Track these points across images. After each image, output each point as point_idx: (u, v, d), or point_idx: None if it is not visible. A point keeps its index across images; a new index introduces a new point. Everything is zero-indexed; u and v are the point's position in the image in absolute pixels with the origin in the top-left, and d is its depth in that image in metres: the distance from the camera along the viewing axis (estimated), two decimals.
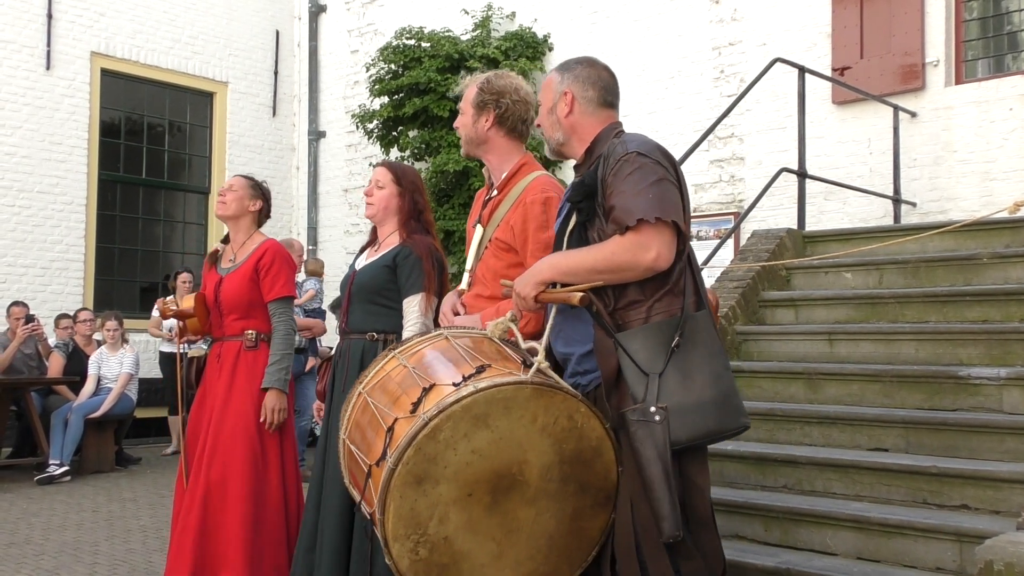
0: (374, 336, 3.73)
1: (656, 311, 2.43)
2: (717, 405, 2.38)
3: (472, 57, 9.23)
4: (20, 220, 9.76)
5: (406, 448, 2.16)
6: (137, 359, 8.65)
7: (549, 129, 2.74)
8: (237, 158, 11.55)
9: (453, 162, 8.93)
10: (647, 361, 2.37)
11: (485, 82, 3.21)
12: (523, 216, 3.02)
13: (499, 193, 3.16)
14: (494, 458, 2.24)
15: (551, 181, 3.15)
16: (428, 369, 2.37)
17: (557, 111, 2.70)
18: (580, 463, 2.34)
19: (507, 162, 3.19)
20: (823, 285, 5.70)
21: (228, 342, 4.24)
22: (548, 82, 2.75)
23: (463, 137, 3.27)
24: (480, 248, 3.16)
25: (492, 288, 3.07)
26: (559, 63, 2.81)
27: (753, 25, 8.43)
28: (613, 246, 2.41)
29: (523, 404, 2.25)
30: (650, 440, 2.30)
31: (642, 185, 2.40)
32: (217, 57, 11.44)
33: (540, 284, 2.49)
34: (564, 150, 2.74)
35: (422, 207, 3.90)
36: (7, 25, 9.76)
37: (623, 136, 2.59)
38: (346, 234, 11.66)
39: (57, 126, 10.09)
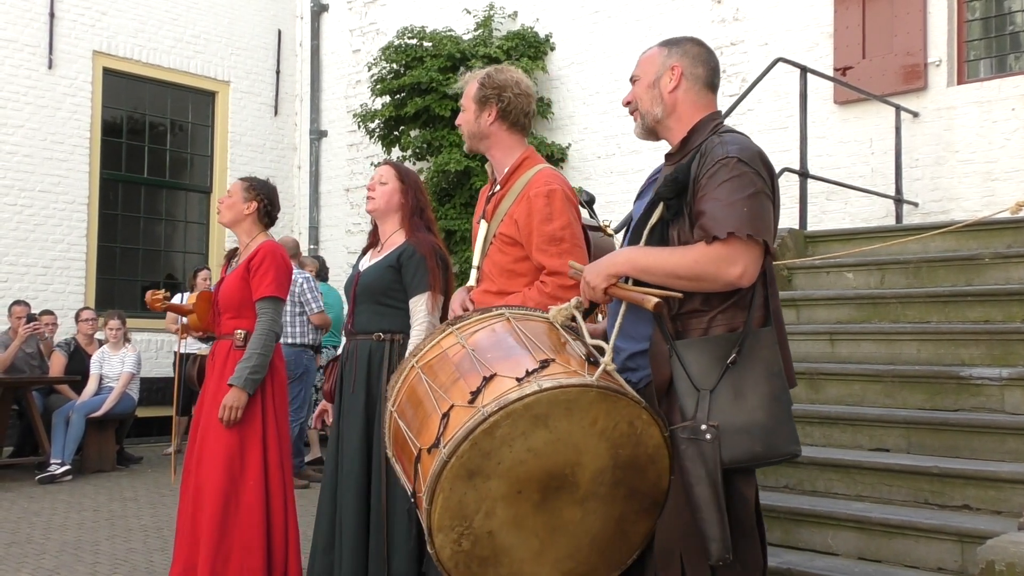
0: (380, 336, 3.74)
1: (717, 323, 2.34)
2: (767, 430, 2.27)
3: (474, 57, 9.22)
4: (22, 219, 9.77)
5: (462, 441, 2.11)
6: (139, 358, 8.66)
7: (648, 103, 2.56)
8: (239, 157, 11.55)
9: (455, 162, 8.93)
10: (700, 375, 2.28)
11: (486, 77, 3.21)
12: (527, 210, 3.03)
13: (502, 188, 3.16)
14: (548, 458, 2.19)
15: (554, 174, 3.15)
16: (488, 354, 2.29)
17: (661, 84, 2.54)
18: (634, 469, 2.28)
19: (510, 157, 3.19)
20: (824, 285, 5.70)
21: (222, 341, 4.25)
22: (651, 55, 2.60)
23: (465, 133, 3.27)
24: (486, 244, 3.17)
25: (500, 284, 3.09)
26: (667, 39, 2.64)
27: (755, 25, 8.43)
28: (698, 254, 2.30)
29: (585, 407, 2.18)
30: (699, 459, 2.23)
31: (738, 196, 2.29)
32: (219, 56, 11.44)
33: (613, 276, 2.40)
34: (659, 128, 2.58)
35: (423, 205, 3.92)
36: (9, 24, 9.76)
37: (724, 135, 2.44)
38: (347, 233, 11.66)
39: (59, 125, 10.09)
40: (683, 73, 2.53)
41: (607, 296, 2.43)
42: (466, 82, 3.30)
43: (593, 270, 2.44)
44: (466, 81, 3.31)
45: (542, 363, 2.21)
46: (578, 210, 3.12)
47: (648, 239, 2.43)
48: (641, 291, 2.33)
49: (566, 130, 9.64)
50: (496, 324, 2.41)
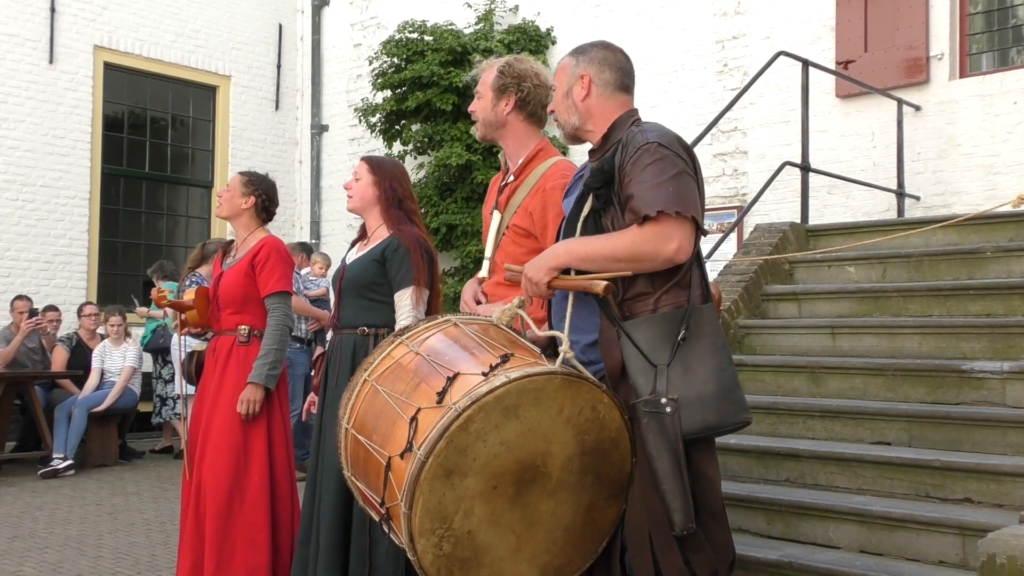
0: (365, 331, 3.72)
1: (663, 303, 2.41)
2: (718, 399, 2.36)
3: (475, 51, 9.22)
4: (24, 214, 9.77)
5: (438, 440, 2.11)
6: (140, 353, 8.66)
7: (564, 113, 2.67)
8: (240, 152, 11.55)
9: (456, 156, 8.92)
10: (653, 352, 2.35)
11: (506, 65, 3.19)
12: (542, 202, 3.02)
13: (516, 179, 3.14)
14: (521, 449, 2.22)
15: (570, 166, 3.12)
16: (445, 356, 2.32)
17: (573, 94, 2.64)
18: (599, 454, 2.33)
19: (524, 147, 3.18)
20: (826, 279, 5.70)
21: (223, 336, 4.24)
22: (563, 66, 2.69)
23: (480, 120, 3.23)
24: (498, 235, 3.15)
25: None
26: (576, 47, 2.73)
27: (757, 19, 8.41)
28: (633, 235, 2.38)
29: (552, 395, 2.23)
30: (661, 432, 2.30)
31: (662, 177, 2.38)
32: (220, 51, 11.44)
33: (554, 270, 2.46)
34: (580, 134, 2.69)
35: (401, 195, 3.85)
36: (10, 19, 9.76)
37: (642, 124, 2.54)
38: (349, 228, 11.64)
39: (60, 120, 10.09)
40: (591, 81, 2.62)
41: (551, 290, 2.49)
42: (483, 69, 3.28)
43: (534, 266, 2.49)
44: (483, 68, 3.28)
45: (502, 357, 2.25)
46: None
47: (583, 230, 2.50)
48: (587, 278, 2.40)
49: None
50: (446, 328, 2.46)
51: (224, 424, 4.07)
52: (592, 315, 2.47)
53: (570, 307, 2.47)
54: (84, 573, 4.91)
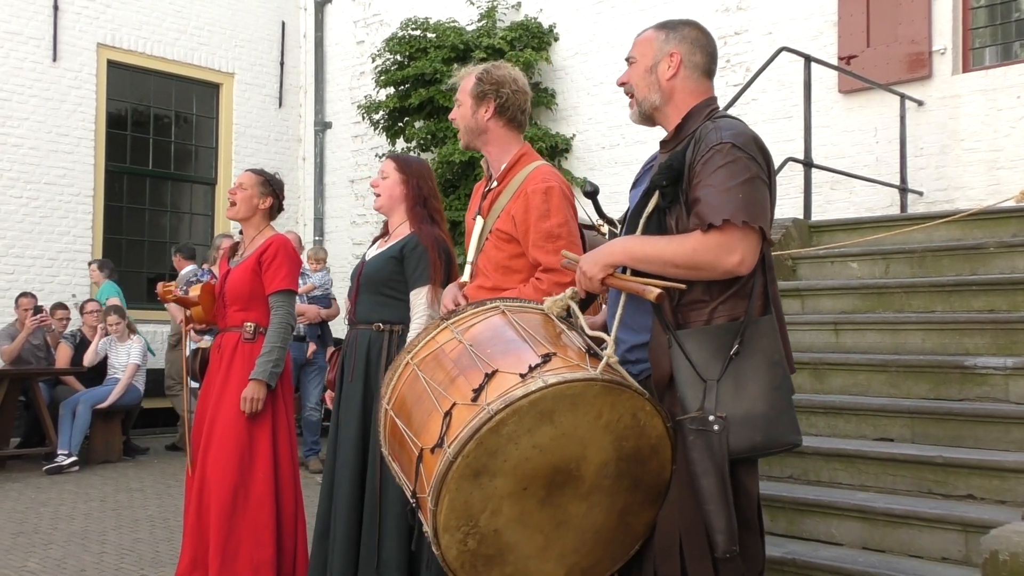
0: (380, 327, 3.76)
1: (719, 313, 2.31)
2: (768, 419, 2.25)
3: (478, 47, 9.21)
4: (28, 211, 9.80)
5: (467, 441, 2.08)
6: (144, 349, 8.68)
7: (645, 89, 2.51)
8: (243, 149, 11.56)
9: (459, 152, 8.92)
10: (703, 365, 2.25)
11: (484, 72, 3.20)
12: (524, 206, 3.02)
13: (499, 184, 3.16)
14: (554, 454, 2.17)
15: (551, 170, 3.14)
16: (487, 349, 2.25)
17: (658, 71, 2.48)
18: (637, 460, 2.26)
19: (506, 153, 3.19)
20: (829, 275, 5.70)
21: (229, 333, 4.26)
22: (647, 39, 2.52)
23: (461, 128, 3.26)
24: (481, 240, 3.16)
25: (494, 279, 3.08)
26: (663, 21, 2.57)
27: (759, 14, 8.40)
28: (695, 243, 2.27)
29: (590, 401, 2.15)
30: (707, 451, 2.21)
31: (733, 182, 2.26)
32: (223, 48, 11.44)
33: (609, 267, 2.37)
34: (657, 115, 2.53)
35: (427, 194, 3.90)
36: (13, 16, 9.77)
37: (718, 121, 2.39)
38: (352, 225, 11.67)
39: (64, 117, 10.11)
40: (682, 60, 2.47)
41: (604, 286, 2.40)
42: (461, 77, 3.29)
43: (589, 260, 2.41)
44: (461, 76, 3.30)
45: (544, 357, 2.18)
46: (575, 208, 3.11)
47: (645, 228, 2.39)
48: (642, 281, 2.30)
49: (570, 120, 9.63)
50: (492, 317, 2.38)
51: (229, 421, 4.09)
52: (644, 316, 2.38)
53: (620, 308, 2.36)
54: (88, 569, 4.93)
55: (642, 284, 2.28)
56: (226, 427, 4.09)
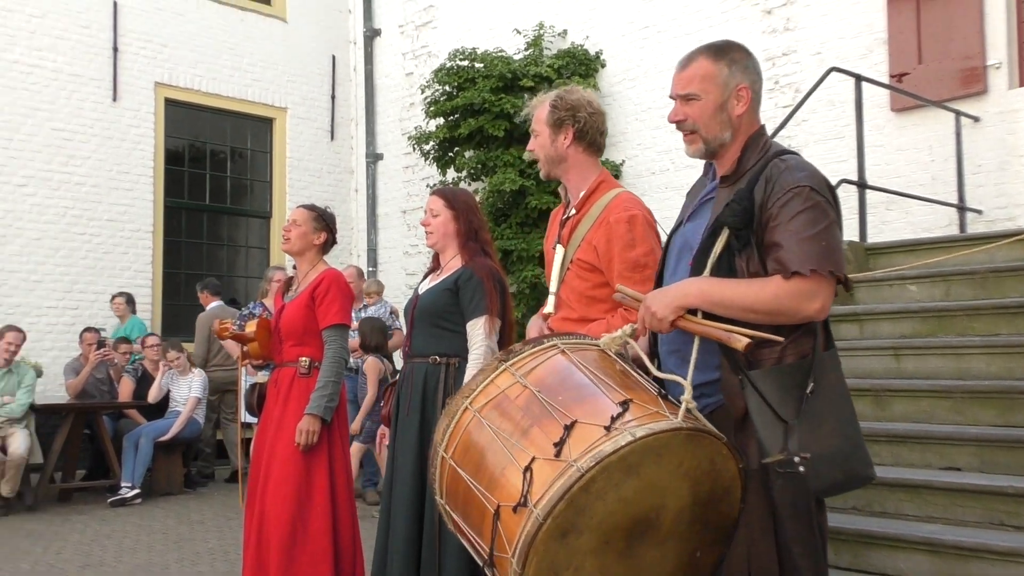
0: (437, 360, 3.77)
1: (789, 352, 2.27)
2: (845, 455, 2.22)
3: (525, 76, 9.27)
4: (91, 248, 10.04)
5: (558, 501, 2.01)
6: (205, 383, 8.81)
7: (716, 128, 2.42)
8: (297, 182, 11.75)
9: (509, 181, 8.97)
10: (780, 405, 2.21)
11: (558, 99, 3.17)
12: (607, 236, 2.98)
13: (578, 212, 3.12)
14: (637, 505, 2.13)
15: (633, 198, 3.10)
16: (558, 395, 2.19)
17: (729, 108, 2.41)
18: (710, 503, 2.23)
19: (585, 180, 3.15)
20: (887, 298, 5.61)
21: (285, 368, 4.32)
22: (709, 74, 2.41)
23: (541, 158, 3.21)
24: (562, 269, 3.12)
25: (579, 310, 3.05)
26: (711, 47, 2.45)
27: (807, 35, 8.34)
28: (777, 289, 2.24)
29: (674, 450, 2.12)
30: (795, 493, 2.19)
31: (814, 229, 2.23)
32: (276, 83, 11.66)
33: (682, 308, 2.31)
34: (722, 152, 2.46)
35: (478, 226, 3.92)
36: (75, 59, 10.07)
37: (787, 159, 2.35)
38: (405, 255, 11.77)
39: (124, 155, 10.36)
40: (752, 95, 2.43)
41: (672, 328, 2.35)
42: (534, 107, 3.26)
43: (660, 301, 2.34)
44: (534, 106, 3.27)
45: (622, 405, 2.13)
46: (659, 236, 3.04)
47: (715, 269, 2.33)
48: (726, 328, 2.25)
49: (619, 147, 9.63)
50: (554, 357, 2.30)
51: (286, 455, 4.14)
52: (708, 354, 2.33)
53: (695, 352, 2.30)
54: None
55: (726, 331, 2.24)
56: (284, 461, 4.14)
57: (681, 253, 2.51)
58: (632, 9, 9.59)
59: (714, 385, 2.34)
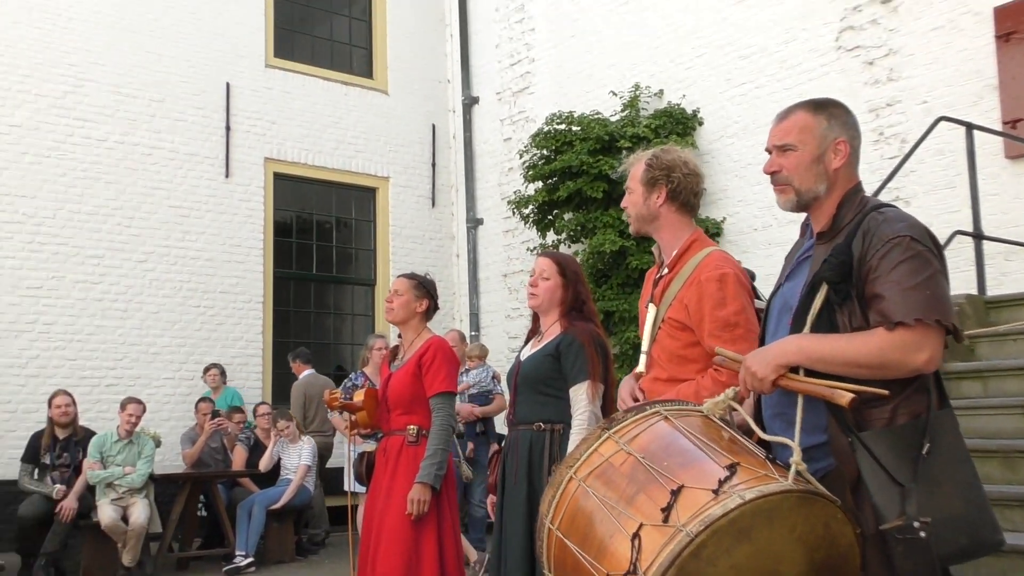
0: (541, 426, 3.76)
1: (901, 411, 2.22)
2: (969, 520, 2.17)
3: (623, 137, 9.31)
4: (205, 320, 10.41)
5: (667, 568, 1.98)
6: (314, 450, 8.95)
7: (811, 180, 2.43)
8: (400, 249, 11.99)
9: (609, 242, 8.97)
10: (895, 468, 2.15)
11: (653, 158, 3.19)
12: (698, 294, 2.97)
13: (670, 271, 3.11)
14: (750, 572, 2.07)
15: (725, 256, 3.08)
16: (663, 461, 2.18)
17: (826, 161, 2.42)
18: (827, 571, 2.15)
19: (678, 239, 3.15)
20: (1012, 354, 5.36)
21: (393, 437, 4.38)
22: (807, 126, 2.44)
23: (632, 215, 3.23)
24: (654, 328, 3.11)
25: (670, 370, 3.02)
26: (810, 101, 2.50)
27: (912, 84, 8.16)
28: (880, 341, 2.19)
29: (786, 514, 2.07)
30: (918, 561, 2.11)
31: (917, 279, 2.19)
32: (378, 154, 11.99)
33: (782, 367, 2.27)
34: (816, 205, 2.46)
35: (584, 297, 3.94)
36: (191, 139, 10.57)
37: (885, 211, 2.34)
38: (507, 319, 11.83)
39: (236, 229, 10.77)
40: (850, 149, 2.43)
41: (774, 387, 2.31)
42: (631, 164, 3.29)
43: (759, 360, 2.31)
44: (631, 163, 3.29)
45: (729, 468, 2.09)
46: (751, 294, 3.03)
47: (815, 325, 2.29)
48: (829, 384, 2.20)
49: (720, 204, 9.54)
50: (657, 423, 2.29)
51: (396, 523, 4.18)
52: (815, 415, 2.28)
53: (800, 412, 2.26)
54: None
55: (829, 388, 2.19)
56: (393, 529, 4.17)
57: (781, 314, 2.48)
58: (729, 67, 9.56)
59: (823, 448, 2.28)
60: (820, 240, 2.44)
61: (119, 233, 9.94)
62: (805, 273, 2.42)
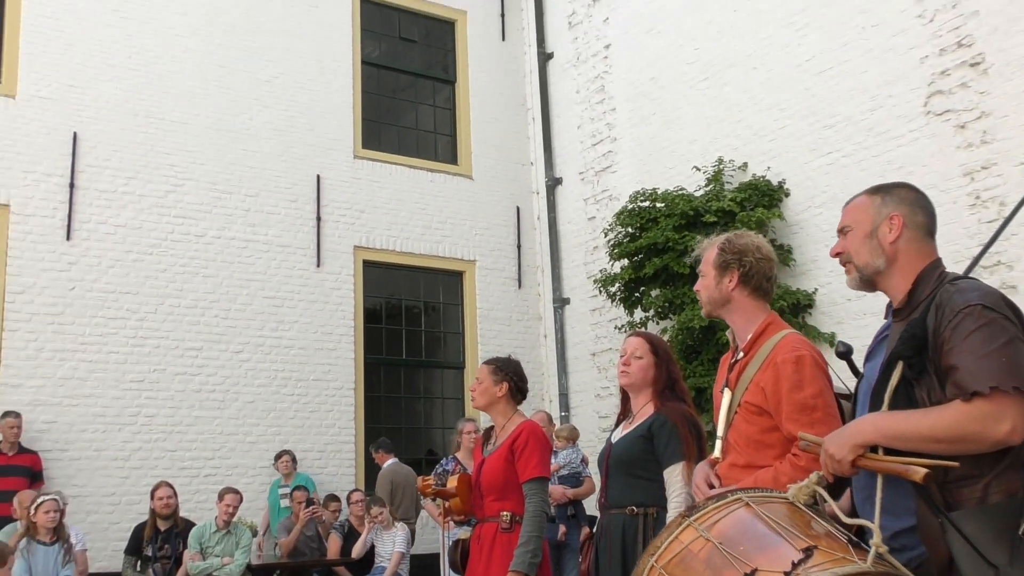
0: (634, 510, 3.70)
1: (994, 489, 2.14)
2: None
3: (708, 212, 9.26)
4: (299, 408, 10.57)
5: None
6: (408, 537, 8.92)
7: (866, 255, 2.49)
8: (487, 331, 12.04)
9: (698, 318, 8.85)
10: (989, 550, 2.07)
11: (726, 242, 3.20)
12: (775, 377, 2.93)
13: (745, 355, 3.08)
14: None
15: (801, 339, 3.05)
16: (739, 546, 2.17)
17: (879, 235, 2.46)
18: None
19: (752, 322, 3.13)
20: None
21: (487, 523, 4.34)
22: (860, 205, 2.54)
23: (705, 298, 3.24)
24: (730, 413, 3.07)
25: (747, 456, 2.97)
26: (873, 186, 2.58)
27: (1008, 145, 7.92)
28: (957, 413, 2.13)
29: None
30: None
31: (992, 346, 2.15)
32: (464, 238, 12.16)
33: (859, 447, 2.24)
34: (880, 280, 2.49)
35: (676, 376, 3.92)
36: (284, 231, 10.89)
37: (958, 283, 2.33)
38: (597, 398, 11.71)
39: (327, 317, 10.98)
40: (904, 222, 2.45)
41: (855, 469, 2.27)
42: (704, 248, 3.32)
43: (836, 441, 2.29)
44: (704, 247, 3.32)
45: (805, 551, 2.06)
46: (829, 377, 2.98)
47: (892, 403, 2.27)
48: (903, 461, 2.15)
49: (810, 275, 9.35)
50: (737, 510, 2.29)
51: None
52: (904, 497, 2.23)
53: (879, 492, 2.21)
54: None
55: (903, 464, 2.13)
56: None
57: (865, 396, 2.46)
58: (814, 137, 9.46)
59: (913, 533, 2.22)
60: (896, 317, 2.45)
61: (216, 325, 10.24)
62: (883, 353, 2.41)
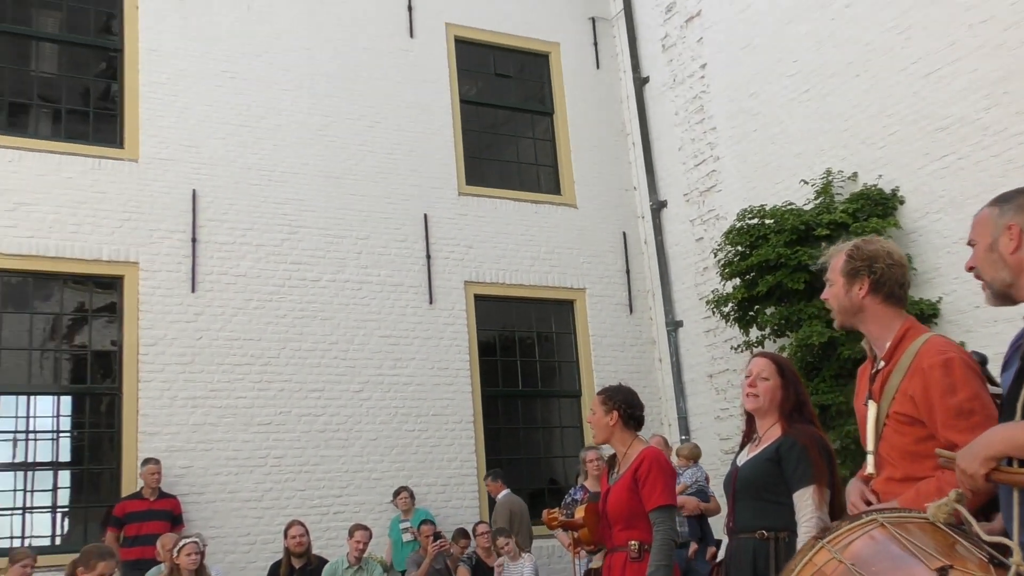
0: (764, 534, 3.63)
1: None
2: None
3: (819, 225, 9.07)
4: (420, 443, 10.75)
5: None
6: (535, 567, 8.94)
7: (991, 269, 2.48)
8: (601, 358, 12.02)
9: (817, 334, 8.65)
10: None
11: (854, 249, 3.12)
12: (923, 383, 2.82)
13: (887, 364, 2.98)
14: None
15: (946, 341, 2.94)
16: (871, 567, 2.13)
17: (1000, 247, 2.45)
18: None
19: (889, 330, 3.02)
20: None
21: (616, 553, 4.34)
22: (983, 218, 2.54)
23: (835, 308, 3.15)
24: (878, 426, 2.96)
25: (903, 469, 2.86)
26: (997, 196, 2.57)
27: None
28: None
29: None
30: None
31: None
32: (572, 267, 12.20)
33: (991, 459, 2.18)
34: (1013, 291, 2.46)
35: (804, 398, 3.84)
36: (395, 271, 11.15)
37: None
38: (716, 420, 11.54)
39: (442, 353, 11.16)
40: (1022, 231, 2.41)
41: (985, 482, 2.20)
42: (831, 255, 3.23)
43: (967, 455, 2.23)
44: (831, 255, 3.23)
45: (939, 572, 2.00)
46: (982, 378, 2.84)
47: None
48: None
49: (934, 283, 9.04)
50: (872, 531, 2.24)
51: None
52: None
53: (1017, 507, 2.15)
54: None
55: None
56: None
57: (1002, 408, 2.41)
58: (926, 141, 9.17)
59: None
60: None
61: (336, 366, 10.52)
62: (1017, 361, 2.34)
